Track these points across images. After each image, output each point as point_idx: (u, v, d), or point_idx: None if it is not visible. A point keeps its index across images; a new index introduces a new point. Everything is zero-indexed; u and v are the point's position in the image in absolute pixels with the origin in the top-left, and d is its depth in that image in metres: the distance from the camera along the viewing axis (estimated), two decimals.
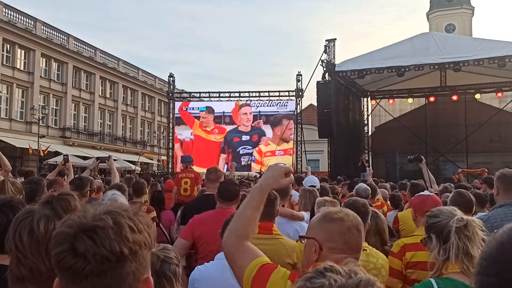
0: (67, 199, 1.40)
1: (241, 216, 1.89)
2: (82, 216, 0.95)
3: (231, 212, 3.80)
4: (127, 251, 0.92)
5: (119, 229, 0.93)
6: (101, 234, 0.91)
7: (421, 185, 5.54)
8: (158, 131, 43.05)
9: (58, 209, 1.36)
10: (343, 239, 1.75)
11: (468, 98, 23.46)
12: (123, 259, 0.92)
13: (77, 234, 0.91)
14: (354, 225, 1.80)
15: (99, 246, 0.90)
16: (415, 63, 18.99)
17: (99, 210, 0.96)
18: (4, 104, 28.33)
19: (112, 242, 0.91)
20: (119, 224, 0.94)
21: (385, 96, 25.35)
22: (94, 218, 0.94)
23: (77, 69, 34.09)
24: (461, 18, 47.37)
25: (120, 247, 0.91)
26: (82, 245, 0.90)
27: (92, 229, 0.92)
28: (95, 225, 0.92)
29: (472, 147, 23.08)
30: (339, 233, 1.76)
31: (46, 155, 27.07)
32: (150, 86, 43.42)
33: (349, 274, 0.91)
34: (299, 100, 25.64)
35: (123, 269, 0.92)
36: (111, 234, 0.92)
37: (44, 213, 1.35)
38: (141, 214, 1.02)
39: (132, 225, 0.95)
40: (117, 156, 30.01)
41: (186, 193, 7.60)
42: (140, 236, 0.96)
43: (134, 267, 0.94)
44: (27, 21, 29.50)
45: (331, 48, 20.74)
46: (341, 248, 1.74)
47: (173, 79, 27.09)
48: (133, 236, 0.94)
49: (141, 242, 0.96)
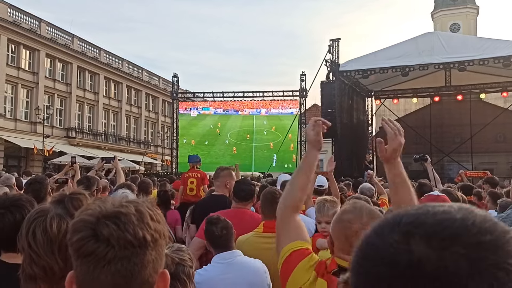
0: (79, 198, 1.40)
1: (291, 185, 1.92)
2: (101, 205, 0.94)
3: (247, 212, 3.80)
4: (150, 238, 0.92)
5: (141, 216, 0.93)
6: (124, 219, 0.91)
7: (428, 185, 5.53)
8: (162, 131, 43.11)
9: (70, 208, 1.37)
10: (349, 242, 1.69)
11: (473, 98, 23.37)
12: (146, 246, 0.92)
13: (99, 220, 0.91)
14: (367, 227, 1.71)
15: (123, 230, 0.90)
16: (420, 62, 18.94)
17: (118, 199, 0.97)
18: (9, 104, 28.44)
19: (136, 227, 0.91)
20: (140, 212, 0.94)
21: (390, 96, 25.29)
22: (114, 205, 0.94)
23: (82, 69, 34.20)
24: (466, 18, 47.18)
25: (143, 232, 0.91)
26: (106, 230, 0.89)
27: (114, 215, 0.92)
28: (118, 211, 0.92)
29: (477, 147, 23.00)
30: (345, 236, 1.72)
31: (51, 155, 27.16)
32: (154, 86, 43.48)
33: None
34: (303, 100, 25.62)
35: (145, 256, 0.92)
36: (134, 219, 0.92)
37: (57, 212, 1.35)
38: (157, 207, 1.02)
39: (152, 214, 0.96)
40: (121, 156, 30.05)
41: (192, 192, 7.61)
42: (160, 225, 0.97)
43: (154, 256, 0.94)
44: (31, 22, 29.61)
45: (335, 48, 20.71)
46: (348, 249, 1.67)
47: (177, 79, 27.12)
48: (154, 224, 0.95)
49: (161, 232, 0.96)
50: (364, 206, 1.78)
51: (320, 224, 3.41)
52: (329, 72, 20.68)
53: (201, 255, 3.61)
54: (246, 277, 2.72)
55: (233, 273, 2.74)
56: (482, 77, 21.05)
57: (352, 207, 1.80)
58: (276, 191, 3.33)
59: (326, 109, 20.19)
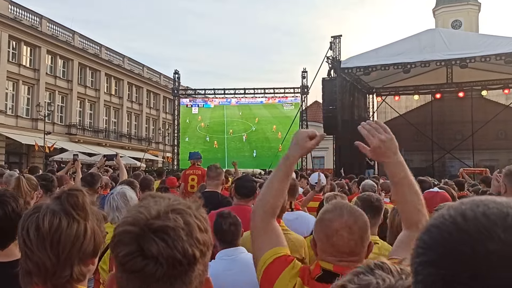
0: (76, 194, 1.38)
1: (269, 188, 1.81)
2: (145, 212, 0.88)
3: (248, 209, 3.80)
4: (199, 254, 0.88)
5: (190, 230, 0.88)
6: (173, 235, 0.85)
7: (427, 182, 5.52)
8: (163, 128, 43.11)
9: (66, 204, 1.36)
10: (330, 241, 1.64)
11: (475, 94, 23.36)
12: (195, 263, 0.88)
13: (146, 235, 0.85)
14: (347, 226, 1.64)
15: (172, 248, 0.85)
16: (421, 59, 18.93)
17: (164, 206, 0.90)
18: (10, 101, 28.43)
19: (185, 244, 0.86)
20: (189, 225, 0.89)
21: (391, 93, 25.29)
22: (160, 215, 0.88)
23: (83, 66, 34.17)
24: (467, 14, 47.06)
25: (192, 250, 0.87)
26: (154, 247, 0.84)
27: (162, 230, 0.85)
28: (166, 225, 0.86)
29: (478, 144, 23.01)
30: (326, 235, 1.66)
31: (52, 151, 27.17)
32: (155, 83, 43.45)
33: (400, 275, 0.82)
34: (304, 97, 25.59)
35: (193, 273, 0.88)
36: (183, 235, 0.86)
37: (50, 208, 1.35)
38: (202, 211, 0.97)
39: (200, 225, 0.91)
40: (122, 153, 29.97)
41: (193, 189, 7.59)
42: (207, 236, 0.92)
43: (201, 270, 0.91)
44: (33, 18, 29.56)
45: (336, 45, 20.70)
46: (329, 251, 1.65)
47: (178, 76, 27.12)
48: (202, 237, 0.90)
49: (209, 243, 0.92)
50: (344, 205, 1.73)
51: None
52: (331, 69, 20.68)
53: None
54: (250, 274, 2.73)
55: (236, 269, 2.75)
56: (484, 74, 21.04)
57: (332, 207, 1.74)
58: None
59: (327, 106, 20.20)
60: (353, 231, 1.64)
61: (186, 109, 27.50)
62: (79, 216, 1.35)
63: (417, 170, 21.35)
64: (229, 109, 27.70)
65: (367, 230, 1.69)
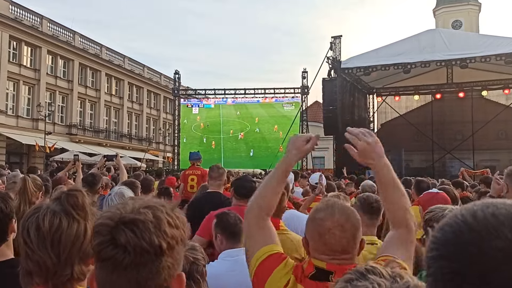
0: (75, 195, 1.41)
1: (265, 188, 1.87)
2: (122, 208, 0.97)
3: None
4: (165, 245, 0.94)
5: (158, 223, 0.95)
6: (141, 226, 0.93)
7: (425, 182, 5.52)
8: (163, 128, 43.11)
9: (66, 204, 1.38)
10: (322, 240, 1.66)
11: (475, 95, 23.36)
12: (161, 253, 0.94)
13: (118, 226, 0.93)
14: (339, 224, 1.66)
15: (139, 238, 0.92)
16: (422, 59, 18.93)
17: (138, 204, 0.99)
18: (11, 101, 28.44)
19: (152, 235, 0.93)
20: (158, 218, 0.96)
21: (391, 93, 25.30)
22: (133, 211, 0.96)
23: (83, 66, 34.17)
24: (468, 15, 47.05)
25: (159, 240, 0.94)
26: (123, 237, 0.92)
27: (132, 222, 0.94)
28: (136, 218, 0.94)
29: (479, 144, 23.00)
30: (318, 234, 1.68)
31: (53, 152, 27.18)
32: (155, 83, 43.47)
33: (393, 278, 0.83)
34: (304, 97, 25.59)
35: (160, 263, 0.95)
36: (151, 227, 0.94)
37: (51, 209, 1.37)
38: (177, 210, 1.03)
39: (170, 220, 0.98)
40: (122, 153, 30.05)
41: (193, 190, 7.59)
42: (177, 231, 0.98)
43: (170, 262, 0.96)
44: (33, 18, 29.57)
45: (337, 45, 20.70)
46: (321, 249, 1.67)
47: (178, 76, 27.14)
48: (171, 231, 0.96)
49: (178, 238, 0.98)
50: (336, 204, 1.75)
51: None
52: (331, 69, 20.68)
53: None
54: None
55: (239, 270, 2.75)
56: (484, 74, 21.04)
57: (324, 205, 1.76)
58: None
59: (327, 106, 20.19)
60: (345, 229, 1.66)
61: (187, 109, 27.52)
62: (79, 216, 1.38)
63: (417, 170, 21.41)
64: (228, 109, 27.71)
65: (359, 228, 1.71)
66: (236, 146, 27.12)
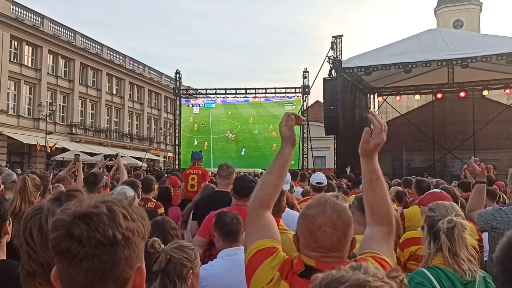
0: (75, 195, 1.42)
1: (264, 181, 1.89)
2: (78, 205, 1.00)
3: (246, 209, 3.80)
4: (120, 236, 0.97)
5: (112, 216, 0.98)
6: (95, 219, 0.96)
7: (426, 182, 5.52)
8: (164, 128, 43.15)
9: None
10: (313, 237, 1.64)
11: (476, 94, 23.34)
12: (116, 244, 0.97)
13: (73, 220, 0.96)
14: (331, 221, 1.64)
15: (93, 230, 0.95)
16: (423, 59, 18.90)
17: (95, 200, 1.02)
18: (12, 100, 28.48)
19: (106, 227, 0.96)
20: (112, 211, 0.98)
21: (392, 93, 25.28)
22: (89, 206, 0.99)
23: (84, 66, 34.21)
24: (469, 14, 46.99)
25: (113, 232, 0.96)
26: (78, 230, 0.95)
27: (87, 215, 0.97)
28: (90, 211, 0.97)
29: (480, 144, 22.97)
30: (309, 231, 1.66)
31: (54, 151, 27.22)
32: (156, 83, 43.50)
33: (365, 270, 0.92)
34: (305, 96, 25.58)
35: (116, 254, 0.97)
36: (105, 220, 0.97)
37: (53, 210, 1.38)
38: (135, 205, 1.06)
39: (125, 213, 1.00)
40: (123, 153, 30.08)
41: (193, 189, 7.61)
42: (133, 224, 1.00)
43: (127, 253, 0.99)
44: (34, 18, 29.61)
45: (337, 45, 20.68)
46: (311, 246, 1.65)
47: (179, 76, 27.15)
48: (126, 223, 0.99)
49: (134, 230, 1.00)
50: (328, 200, 1.72)
51: None
52: (332, 69, 20.66)
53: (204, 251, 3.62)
54: None
55: (238, 269, 2.75)
56: (485, 74, 21.02)
57: (316, 202, 1.74)
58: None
59: (328, 106, 20.16)
60: (336, 226, 1.64)
61: (188, 109, 27.51)
62: None
63: (418, 170, 21.40)
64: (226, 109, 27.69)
65: (350, 226, 1.69)
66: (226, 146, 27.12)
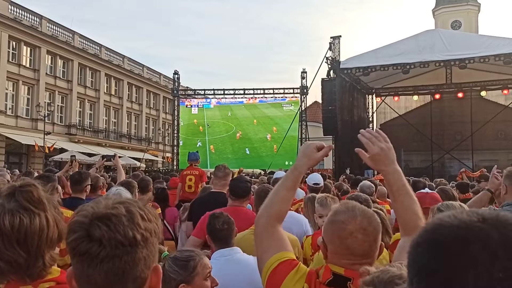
0: (30, 190, 1.39)
1: (275, 195, 1.84)
2: (95, 206, 1.00)
3: (243, 210, 3.80)
4: (140, 237, 0.98)
5: (131, 217, 0.99)
6: (115, 220, 0.97)
7: (422, 182, 5.54)
8: (163, 128, 43.12)
9: (22, 200, 1.37)
10: (344, 244, 1.61)
11: (474, 95, 23.35)
12: (136, 244, 0.98)
13: (92, 222, 0.97)
14: (362, 227, 1.61)
15: (113, 231, 0.96)
16: (421, 60, 18.92)
17: (111, 201, 1.02)
18: (10, 101, 28.44)
19: (126, 228, 0.97)
20: (131, 212, 1.00)
21: (390, 93, 25.29)
22: (107, 207, 1.00)
23: (83, 66, 34.17)
24: (467, 15, 47.04)
25: (133, 232, 0.97)
26: (98, 231, 0.95)
27: (106, 217, 0.97)
28: (109, 213, 0.98)
29: (478, 145, 23.00)
30: (339, 237, 1.62)
31: (52, 152, 27.19)
32: (155, 83, 43.47)
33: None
34: (303, 97, 25.59)
35: (135, 254, 0.98)
36: (124, 221, 0.98)
37: (8, 208, 1.35)
38: (148, 207, 1.08)
39: (142, 214, 1.02)
40: (122, 153, 30.09)
41: (191, 190, 7.62)
42: (150, 224, 1.02)
43: (145, 253, 1.00)
44: (32, 19, 29.57)
45: (336, 46, 20.68)
46: (342, 253, 1.62)
47: (178, 77, 27.13)
48: (144, 224, 1.00)
49: (152, 230, 1.02)
50: (357, 206, 1.70)
51: (321, 218, 3.52)
52: (330, 70, 20.66)
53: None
54: (245, 274, 2.73)
55: (232, 269, 2.75)
56: (483, 75, 21.04)
57: (345, 207, 1.70)
58: (269, 189, 3.33)
59: (327, 106, 20.15)
60: (367, 233, 1.62)
61: (186, 109, 27.50)
62: (39, 210, 1.38)
63: (417, 171, 21.41)
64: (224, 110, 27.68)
65: (380, 232, 1.67)
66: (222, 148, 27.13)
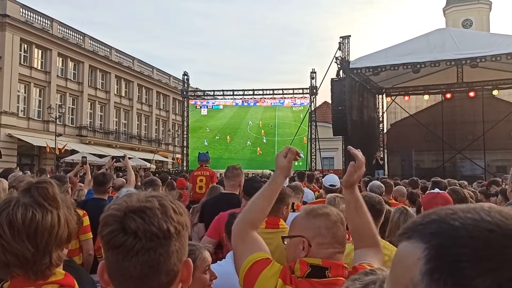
0: (45, 186, 1.42)
1: (253, 204, 1.94)
2: (127, 200, 1.02)
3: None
4: (173, 230, 1.00)
5: (164, 210, 1.01)
6: (149, 213, 0.99)
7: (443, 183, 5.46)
8: (172, 129, 43.29)
9: (37, 196, 1.39)
10: (331, 233, 1.77)
11: (486, 94, 23.09)
12: (170, 237, 1.00)
13: (126, 215, 0.98)
14: (339, 219, 1.81)
15: (148, 224, 0.98)
16: (431, 59, 18.76)
17: (143, 195, 1.05)
18: (22, 103, 28.76)
19: (160, 221, 0.99)
20: (164, 206, 1.02)
21: (401, 93, 25.11)
22: (140, 200, 1.02)
23: (93, 68, 34.45)
24: (478, 13, 46.63)
25: (167, 225, 0.99)
26: (133, 224, 0.97)
27: (140, 210, 0.99)
28: (143, 206, 1.00)
29: (490, 144, 22.74)
30: (327, 228, 1.77)
31: (63, 153, 27.42)
32: (164, 85, 43.66)
33: None
34: (313, 97, 25.51)
35: (169, 247, 1.00)
36: (158, 213, 1.00)
37: (22, 202, 1.38)
38: (178, 201, 1.10)
39: (174, 207, 1.04)
40: (132, 154, 30.26)
41: (201, 190, 7.62)
42: (182, 218, 1.05)
43: (178, 246, 1.02)
44: (43, 21, 29.87)
45: (345, 45, 20.58)
46: (329, 242, 1.76)
47: (187, 78, 27.20)
48: (176, 217, 1.03)
49: (183, 223, 1.05)
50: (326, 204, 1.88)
51: None
52: (340, 70, 20.56)
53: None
54: None
55: None
56: (495, 73, 20.82)
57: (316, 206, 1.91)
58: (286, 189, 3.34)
59: (336, 106, 20.05)
60: (343, 222, 1.83)
61: (196, 110, 27.54)
62: (52, 207, 1.40)
63: (428, 171, 21.25)
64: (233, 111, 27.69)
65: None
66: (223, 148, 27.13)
